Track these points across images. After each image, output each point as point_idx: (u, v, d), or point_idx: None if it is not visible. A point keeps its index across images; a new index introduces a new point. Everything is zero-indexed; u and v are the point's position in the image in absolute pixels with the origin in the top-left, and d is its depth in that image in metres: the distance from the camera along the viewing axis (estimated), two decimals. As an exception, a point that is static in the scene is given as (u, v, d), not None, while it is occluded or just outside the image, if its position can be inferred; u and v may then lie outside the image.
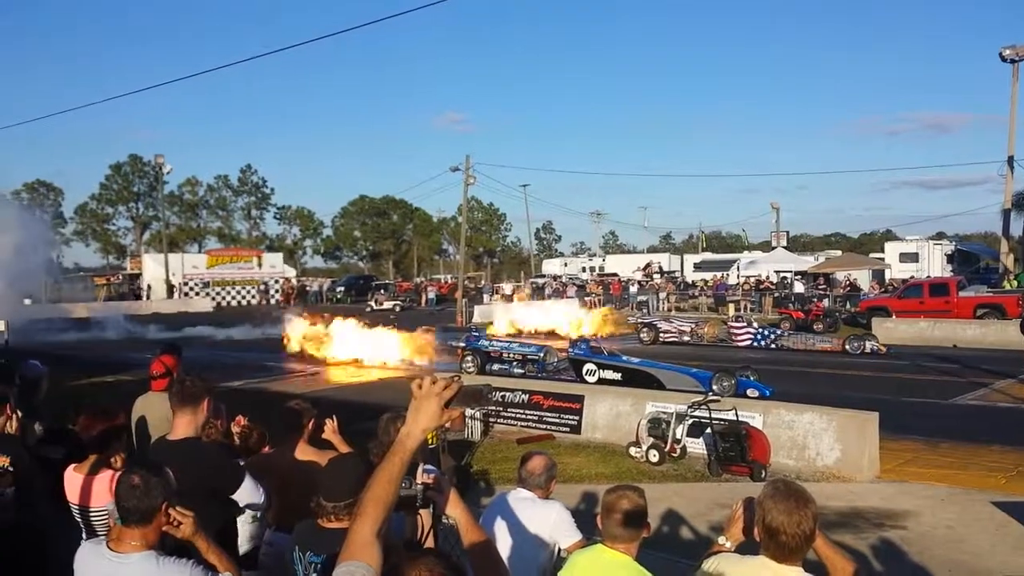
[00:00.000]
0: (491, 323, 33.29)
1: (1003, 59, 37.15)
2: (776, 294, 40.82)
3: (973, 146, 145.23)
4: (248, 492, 4.30)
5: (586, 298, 47.98)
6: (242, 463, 5.11)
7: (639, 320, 29.65)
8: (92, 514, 4.20)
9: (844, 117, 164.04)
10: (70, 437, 4.92)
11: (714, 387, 15.53)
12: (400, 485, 2.30)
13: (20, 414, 5.24)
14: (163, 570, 3.10)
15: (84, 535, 4.26)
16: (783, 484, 3.01)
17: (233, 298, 61.16)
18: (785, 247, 55.80)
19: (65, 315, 47.72)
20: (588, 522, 4.25)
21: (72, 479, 4.31)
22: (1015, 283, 33.56)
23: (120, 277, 66.85)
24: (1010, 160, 37.83)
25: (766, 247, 64.32)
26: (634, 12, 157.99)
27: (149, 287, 60.11)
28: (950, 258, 47.50)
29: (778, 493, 2.92)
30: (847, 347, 23.74)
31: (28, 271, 32.34)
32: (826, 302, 36.73)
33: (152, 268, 61.21)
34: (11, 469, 4.67)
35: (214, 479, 4.08)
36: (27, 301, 55.39)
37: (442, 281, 69.31)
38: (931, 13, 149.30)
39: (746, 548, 3.15)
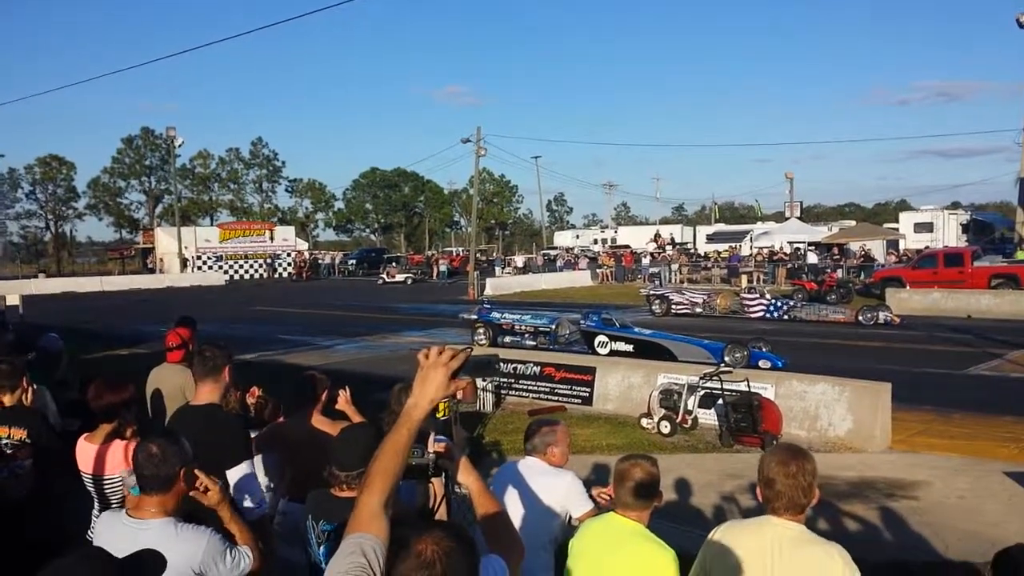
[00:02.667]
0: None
1: (1020, 25, 36.57)
2: (789, 265, 40.67)
3: (989, 114, 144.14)
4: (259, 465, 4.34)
5: (598, 270, 48.00)
6: (254, 435, 5.17)
7: (651, 292, 29.56)
8: (105, 483, 4.26)
9: (857, 86, 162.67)
10: (84, 409, 4.98)
11: (726, 358, 15.53)
12: (406, 456, 2.30)
13: (36, 386, 5.30)
14: (182, 536, 3.16)
15: (97, 504, 4.32)
16: (783, 444, 3.29)
17: (246, 272, 61.37)
18: (799, 218, 55.52)
19: (79, 288, 48.11)
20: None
21: (84, 449, 4.37)
22: (1024, 254, 33.30)
23: (133, 251, 67.11)
24: (1027, 127, 37.37)
25: (779, 218, 64.01)
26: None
27: (162, 260, 60.34)
28: (965, 228, 47.20)
29: (776, 449, 3.14)
30: (860, 318, 23.64)
31: None
32: (839, 273, 36.57)
33: (165, 242, 61.40)
34: (28, 441, 4.72)
35: (227, 444, 4.15)
36: (41, 275, 56.01)
37: (454, 254, 69.29)
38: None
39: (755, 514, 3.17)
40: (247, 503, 4.11)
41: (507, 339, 19.90)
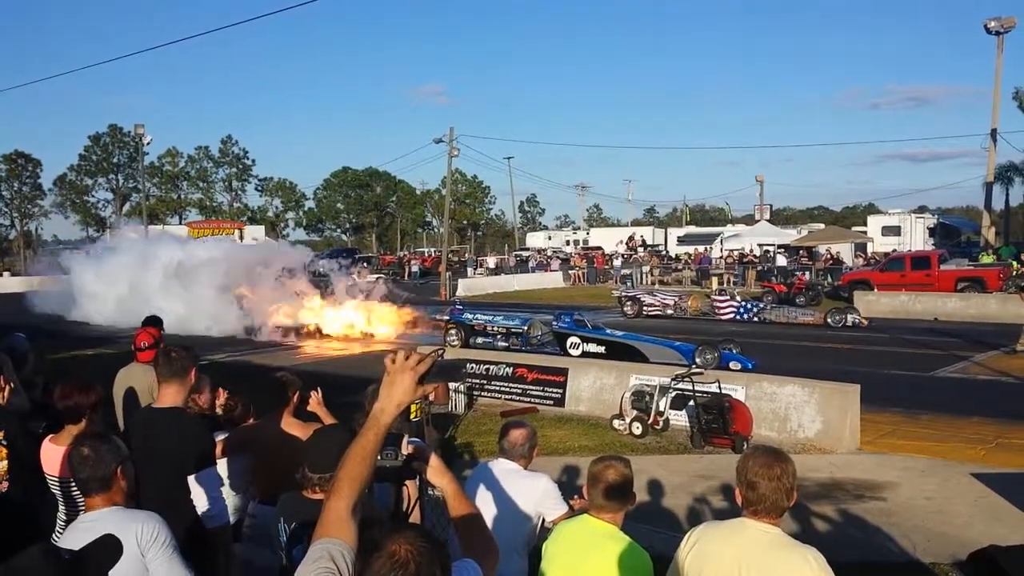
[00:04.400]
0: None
1: (988, 31, 37.17)
2: (759, 267, 40.98)
3: (956, 119, 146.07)
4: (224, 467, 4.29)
5: (570, 271, 48.08)
6: (223, 436, 5.10)
7: (623, 293, 29.67)
8: (72, 486, 4.18)
9: (827, 90, 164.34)
10: (49, 410, 4.88)
11: (697, 360, 15.59)
12: (374, 461, 2.28)
13: (13, 385, 5.19)
14: (130, 516, 3.20)
15: (63, 507, 4.24)
16: (761, 446, 3.21)
17: (215, 271, 60.74)
18: (768, 220, 55.95)
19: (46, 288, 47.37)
20: (571, 494, 4.26)
21: (50, 451, 4.28)
22: (991, 257, 33.79)
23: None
24: (993, 133, 37.98)
25: (750, 220, 64.47)
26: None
27: (130, 260, 59.52)
28: (932, 231, 47.75)
29: (756, 451, 3.13)
30: (829, 320, 23.89)
31: None
32: (808, 275, 36.90)
33: (133, 240, 60.60)
34: (4, 443, 4.62)
35: (191, 450, 4.09)
36: (6, 273, 55.13)
37: (426, 254, 69.12)
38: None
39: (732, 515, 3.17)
40: (207, 510, 4.06)
41: (479, 340, 19.90)
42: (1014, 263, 31.21)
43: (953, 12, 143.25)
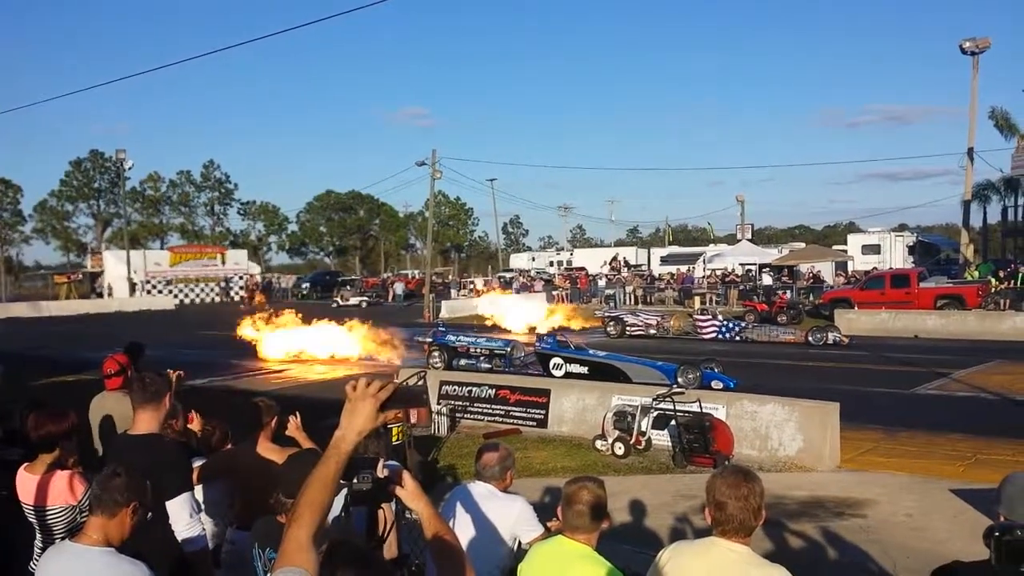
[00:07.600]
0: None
1: (963, 51, 37.65)
2: (741, 287, 41.16)
3: (934, 138, 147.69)
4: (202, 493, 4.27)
5: (554, 292, 48.11)
6: (200, 462, 5.09)
7: (606, 314, 29.73)
8: (48, 514, 4.16)
9: (805, 110, 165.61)
10: (25, 438, 4.85)
11: (679, 379, 15.63)
12: (335, 489, 2.28)
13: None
14: (119, 568, 3.14)
15: (39, 535, 4.21)
16: (731, 466, 3.25)
17: (197, 296, 60.54)
18: (750, 240, 56.22)
19: (25, 313, 47.08)
20: (553, 516, 4.26)
21: (25, 480, 4.26)
22: (976, 273, 34.12)
23: (81, 275, 65.79)
24: (970, 152, 38.38)
25: (731, 240, 64.78)
26: (599, 6, 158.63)
27: (110, 285, 59.25)
28: (911, 249, 48.09)
29: (725, 471, 3.18)
30: (810, 339, 24.00)
31: None
32: (789, 294, 37.09)
33: (114, 266, 60.29)
34: None
35: (168, 475, 4.07)
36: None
37: (409, 276, 69.05)
38: (890, 4, 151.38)
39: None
40: (186, 535, 4.04)
41: (462, 362, 19.89)
42: (992, 280, 31.51)
43: (928, 33, 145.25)
